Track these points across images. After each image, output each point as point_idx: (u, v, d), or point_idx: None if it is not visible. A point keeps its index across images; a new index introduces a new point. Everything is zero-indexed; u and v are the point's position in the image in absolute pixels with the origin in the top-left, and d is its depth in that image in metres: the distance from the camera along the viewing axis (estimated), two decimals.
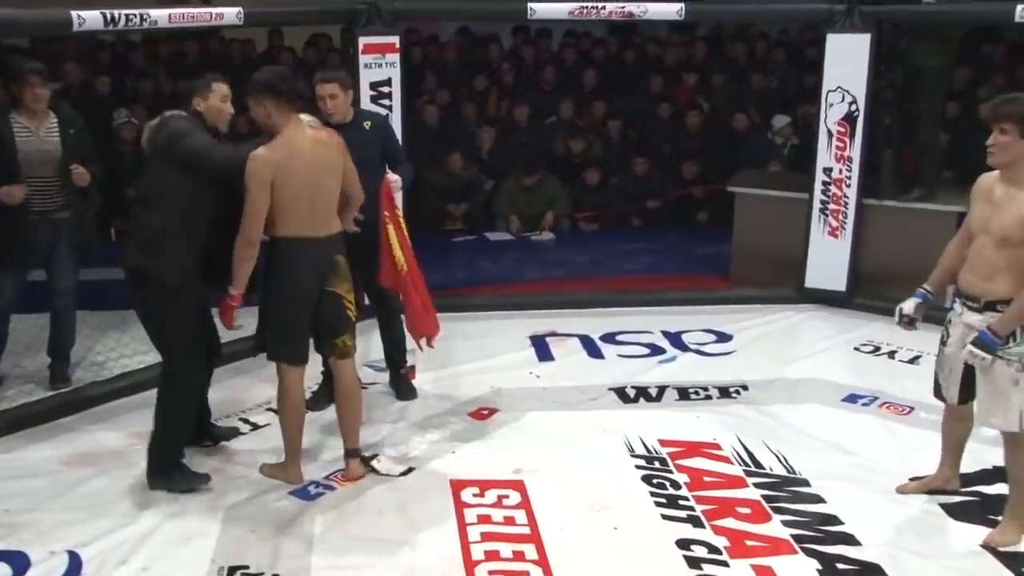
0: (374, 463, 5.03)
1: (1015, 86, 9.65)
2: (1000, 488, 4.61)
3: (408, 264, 5.27)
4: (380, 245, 5.27)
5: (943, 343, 4.52)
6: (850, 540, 4.46)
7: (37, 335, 5.92)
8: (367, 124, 5.44)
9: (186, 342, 4.72)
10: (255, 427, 5.41)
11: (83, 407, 5.58)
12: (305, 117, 4.63)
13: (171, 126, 4.57)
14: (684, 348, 6.61)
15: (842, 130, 6.99)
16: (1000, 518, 4.51)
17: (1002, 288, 4.21)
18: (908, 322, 4.62)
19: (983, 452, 4.74)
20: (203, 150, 4.49)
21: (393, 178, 5.29)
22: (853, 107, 6.92)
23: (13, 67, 5.74)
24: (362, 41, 6.56)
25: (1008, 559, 4.33)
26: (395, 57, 6.60)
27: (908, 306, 4.61)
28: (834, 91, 6.96)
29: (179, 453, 4.85)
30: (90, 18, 5.24)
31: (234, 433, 5.30)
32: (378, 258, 5.28)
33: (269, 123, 4.48)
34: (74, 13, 5.19)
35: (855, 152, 7.00)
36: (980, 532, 4.50)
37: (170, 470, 4.80)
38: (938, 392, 4.62)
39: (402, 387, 5.78)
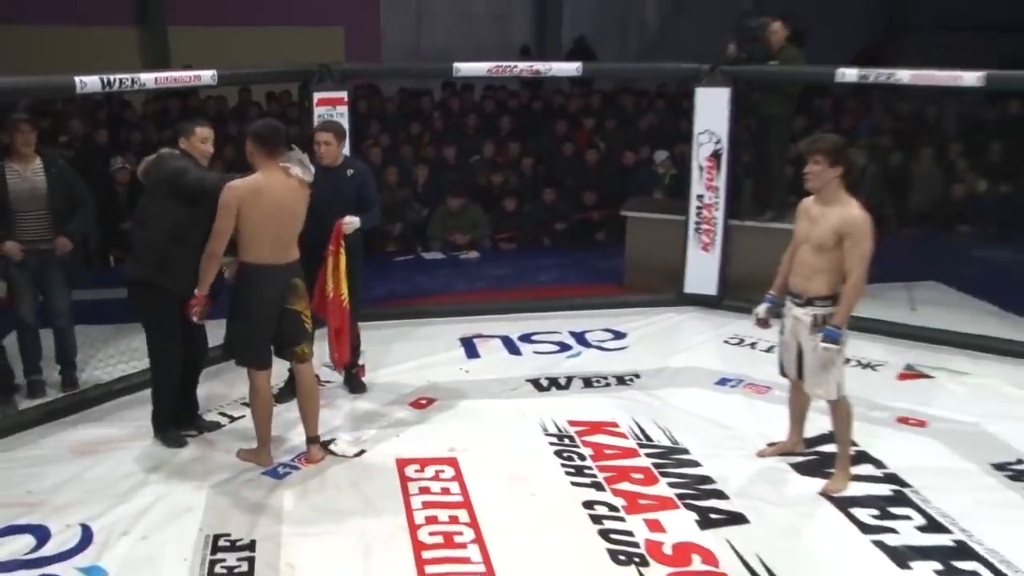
0: (332, 447, 5.06)
1: (839, 130, 10.05)
2: (832, 448, 4.78)
3: (335, 292, 5.14)
4: (316, 276, 5.16)
5: (781, 332, 4.70)
6: (720, 495, 4.59)
7: (47, 348, 5.82)
8: (350, 172, 5.40)
9: (174, 338, 4.90)
10: (232, 419, 5.39)
11: (89, 406, 5.53)
12: (302, 155, 4.65)
13: (170, 164, 4.80)
14: (587, 345, 6.65)
15: (710, 164, 7.09)
16: (832, 471, 4.70)
17: (818, 287, 4.43)
18: (762, 322, 4.79)
19: (820, 420, 4.87)
20: (199, 180, 4.68)
21: (347, 220, 5.17)
22: (718, 146, 7.03)
23: (5, 118, 5.69)
24: (316, 96, 6.56)
25: (839, 502, 4.54)
26: (344, 108, 6.58)
27: (760, 310, 4.77)
28: (703, 133, 7.06)
29: (170, 418, 5.09)
30: (90, 82, 5.21)
31: (216, 426, 5.29)
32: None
33: (252, 161, 4.58)
34: (77, 78, 5.17)
35: (721, 182, 7.10)
36: (819, 483, 4.68)
37: (164, 430, 5.07)
38: (782, 371, 4.79)
39: (354, 384, 5.77)
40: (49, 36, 11.22)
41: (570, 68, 7.58)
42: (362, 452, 5.04)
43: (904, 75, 6.38)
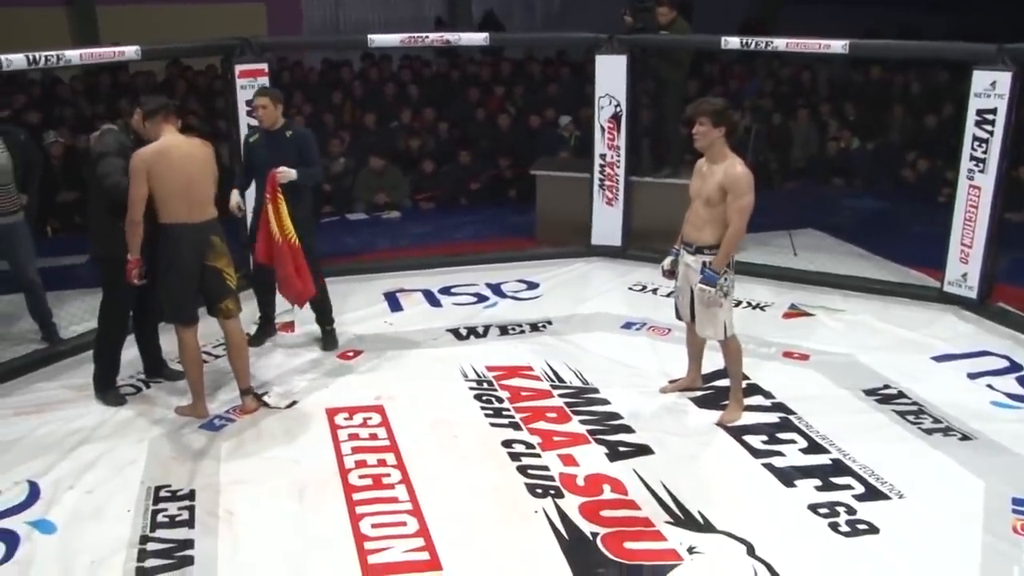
0: (265, 398, 4.94)
1: (727, 94, 10.15)
2: (726, 382, 4.84)
3: (283, 236, 5.03)
4: (259, 224, 5.12)
5: (676, 277, 4.72)
6: (627, 429, 4.63)
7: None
8: (288, 133, 5.30)
9: (126, 304, 4.84)
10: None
11: (33, 368, 5.31)
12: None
13: (98, 145, 4.67)
14: (503, 295, 6.60)
15: (611, 126, 7.06)
16: (727, 403, 4.78)
17: (707, 236, 4.47)
18: (668, 273, 4.79)
19: (715, 357, 4.92)
20: (102, 176, 4.57)
21: (280, 170, 5.06)
22: (618, 108, 7.00)
23: None
24: (238, 68, 6.31)
25: (733, 431, 4.64)
26: (264, 79, 6.33)
27: (666, 263, 4.77)
28: (603, 97, 7.01)
29: (111, 379, 4.96)
30: (16, 59, 4.98)
31: (180, 375, 5.02)
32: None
33: (150, 134, 4.51)
34: (2, 56, 4.93)
35: (622, 142, 7.08)
36: (715, 415, 4.76)
37: (105, 390, 4.93)
38: (678, 315, 4.82)
39: (328, 340, 5.61)
40: None
41: (478, 38, 7.46)
42: (294, 403, 4.94)
43: (780, 43, 6.48)
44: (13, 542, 3.75)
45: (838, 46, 6.22)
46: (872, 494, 4.08)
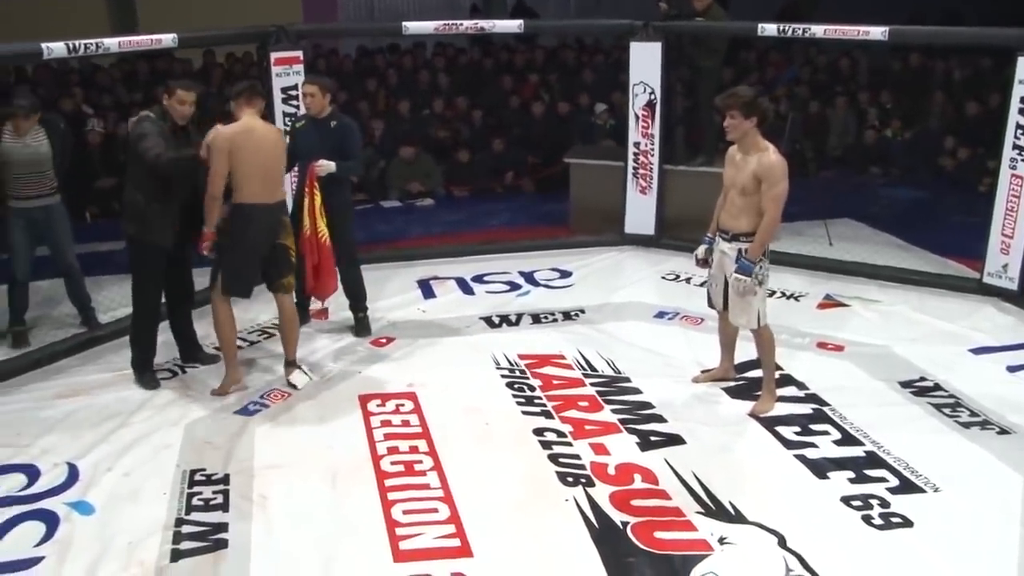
0: (291, 378, 4.98)
1: (764, 82, 10.04)
2: (759, 373, 4.81)
3: (312, 230, 5.15)
4: (297, 213, 5.23)
5: (708, 264, 4.68)
6: (659, 419, 4.61)
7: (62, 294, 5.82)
8: (333, 123, 5.34)
9: (158, 288, 4.91)
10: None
11: (72, 353, 5.39)
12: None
13: (137, 128, 4.73)
14: (536, 283, 6.59)
15: (645, 114, 7.01)
16: (759, 393, 4.74)
17: (743, 224, 4.43)
18: (701, 262, 4.75)
19: (748, 348, 4.88)
20: (144, 151, 4.60)
21: (320, 163, 5.16)
22: (652, 96, 6.94)
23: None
24: (273, 55, 6.34)
25: (765, 422, 4.60)
26: (300, 67, 6.38)
27: (700, 251, 4.73)
28: (638, 84, 6.96)
29: (148, 362, 5.02)
30: (56, 48, 5.04)
31: (216, 359, 5.18)
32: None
33: (236, 114, 4.70)
34: (44, 44, 5.00)
35: (656, 130, 7.03)
36: (748, 405, 4.72)
37: (142, 372, 5.01)
38: (710, 303, 4.79)
39: (361, 327, 5.65)
40: (20, 6, 10.80)
41: (512, 25, 7.41)
42: (327, 377, 5.03)
43: (818, 29, 6.39)
44: (53, 522, 3.82)
45: (878, 33, 6.12)
46: (906, 487, 4.03)
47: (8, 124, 5.27)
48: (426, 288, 6.50)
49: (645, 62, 6.90)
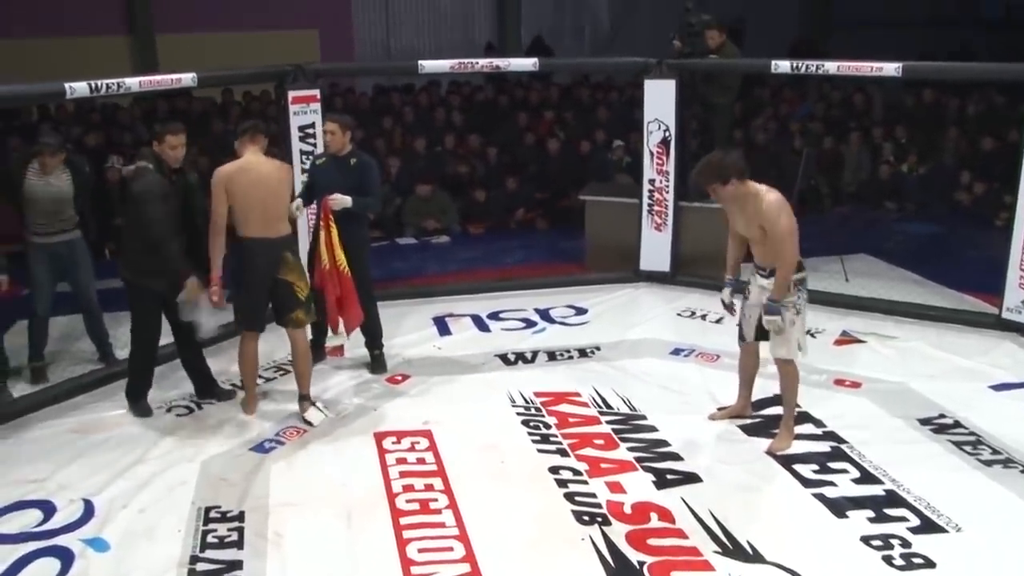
0: (306, 415, 5.00)
1: (778, 118, 10.09)
2: (777, 410, 4.78)
3: (332, 263, 5.18)
4: (314, 249, 5.30)
5: (745, 298, 4.67)
6: (676, 457, 4.58)
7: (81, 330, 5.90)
8: (353, 161, 5.40)
9: (155, 327, 5.03)
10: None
11: (90, 388, 5.42)
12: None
13: (140, 183, 4.79)
14: (551, 320, 6.58)
15: (660, 151, 7.03)
16: (777, 431, 4.71)
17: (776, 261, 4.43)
18: (729, 307, 4.74)
19: (766, 385, 4.88)
20: (149, 223, 4.70)
21: (334, 197, 5.21)
22: (667, 133, 6.97)
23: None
24: (291, 94, 6.42)
25: (783, 460, 4.56)
26: (317, 106, 6.46)
27: (725, 295, 4.73)
28: (652, 122, 6.99)
29: (141, 391, 5.12)
30: (79, 87, 5.12)
31: (231, 395, 5.25)
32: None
33: (239, 150, 4.87)
34: (67, 84, 5.08)
35: (671, 167, 7.03)
36: (765, 443, 4.68)
37: (135, 401, 5.11)
38: (741, 336, 4.76)
39: (376, 364, 5.67)
40: (45, 47, 11.11)
41: (527, 64, 7.49)
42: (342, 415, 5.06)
43: (832, 66, 6.43)
44: (68, 559, 3.82)
45: (891, 68, 6.12)
46: (928, 527, 3.98)
47: (34, 162, 5.34)
48: (442, 325, 6.51)
49: (659, 99, 6.94)
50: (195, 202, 4.95)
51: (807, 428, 4.83)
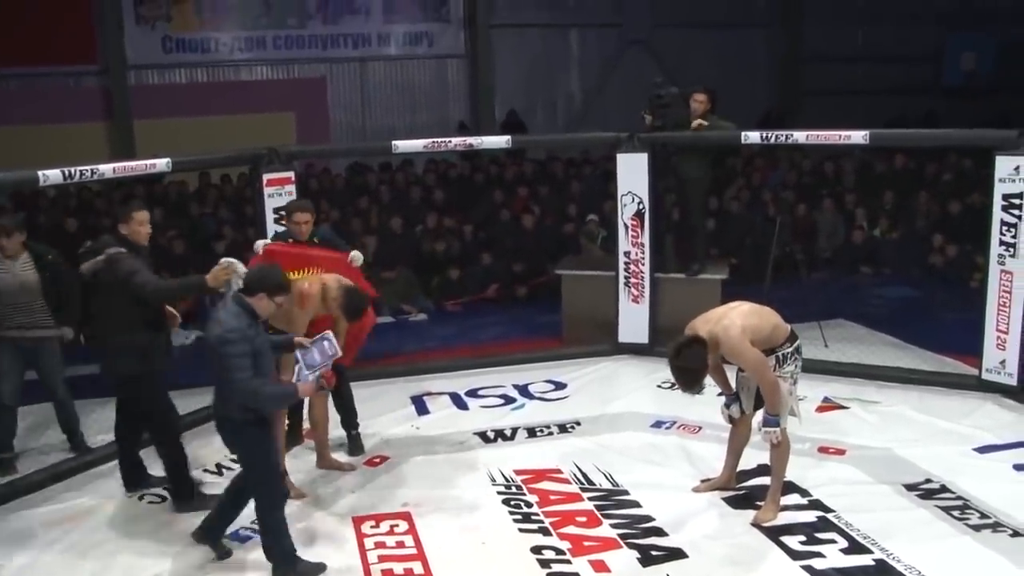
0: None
1: (750, 187, 10.26)
2: (762, 480, 4.75)
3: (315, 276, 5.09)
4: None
5: (741, 371, 4.66)
6: (660, 532, 4.53)
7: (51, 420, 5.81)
8: (315, 240, 5.45)
9: (172, 407, 4.94)
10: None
11: (60, 479, 5.30)
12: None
13: (122, 267, 4.71)
14: (530, 396, 6.54)
15: (635, 223, 7.08)
16: (762, 503, 4.66)
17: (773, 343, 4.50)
18: (733, 420, 4.78)
19: (749, 455, 4.86)
20: (141, 286, 4.65)
21: (354, 254, 5.37)
22: (641, 206, 7.03)
23: None
24: (265, 177, 6.46)
25: (769, 531, 4.50)
26: (291, 187, 6.48)
27: (734, 411, 4.75)
28: (626, 195, 7.06)
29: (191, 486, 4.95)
30: (52, 174, 5.11)
31: (161, 482, 5.10)
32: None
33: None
34: (40, 172, 5.08)
35: (646, 239, 7.08)
36: (750, 515, 4.63)
37: (189, 497, 4.90)
38: (740, 410, 4.75)
39: (354, 445, 5.61)
40: (26, 135, 11.28)
41: (500, 141, 7.61)
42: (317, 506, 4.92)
43: (800, 135, 6.60)
44: None
45: (859, 136, 6.29)
46: None
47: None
48: (420, 404, 6.46)
49: (632, 172, 7.03)
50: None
51: (793, 498, 4.79)
